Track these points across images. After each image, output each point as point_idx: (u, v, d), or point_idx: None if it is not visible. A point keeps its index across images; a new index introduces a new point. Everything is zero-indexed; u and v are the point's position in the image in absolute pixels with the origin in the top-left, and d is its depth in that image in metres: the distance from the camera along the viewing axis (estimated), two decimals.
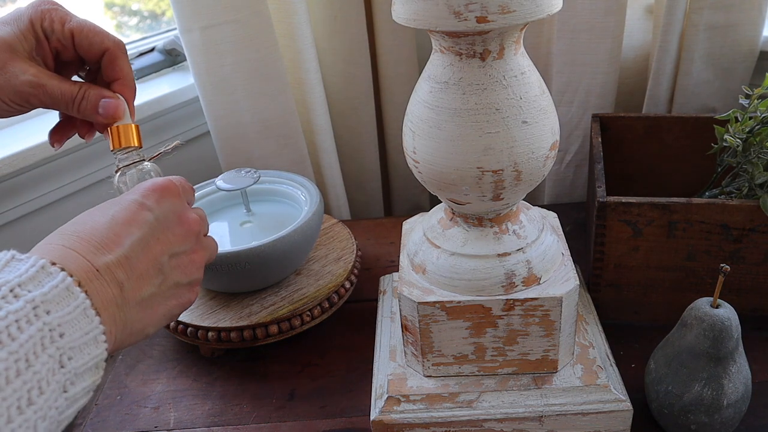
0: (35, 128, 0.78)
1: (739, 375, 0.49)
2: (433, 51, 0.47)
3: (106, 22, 0.98)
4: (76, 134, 0.53)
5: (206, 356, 0.67)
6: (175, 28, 0.93)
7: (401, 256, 0.57)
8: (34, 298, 0.31)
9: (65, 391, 0.32)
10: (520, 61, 0.46)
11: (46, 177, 0.77)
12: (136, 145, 0.50)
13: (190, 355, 0.67)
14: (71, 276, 0.33)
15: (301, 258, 0.68)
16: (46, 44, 0.47)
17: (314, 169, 0.90)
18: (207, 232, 0.48)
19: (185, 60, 0.88)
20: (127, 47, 0.94)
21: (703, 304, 0.49)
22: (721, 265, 0.47)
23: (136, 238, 0.39)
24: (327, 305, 0.66)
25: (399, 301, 0.53)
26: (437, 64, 0.46)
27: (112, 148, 0.49)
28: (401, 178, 1.00)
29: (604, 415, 0.51)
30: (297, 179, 0.73)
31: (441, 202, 0.54)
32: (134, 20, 1.01)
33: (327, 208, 0.93)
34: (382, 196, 1.01)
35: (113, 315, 0.36)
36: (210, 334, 0.63)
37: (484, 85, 0.44)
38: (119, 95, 0.49)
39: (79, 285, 0.34)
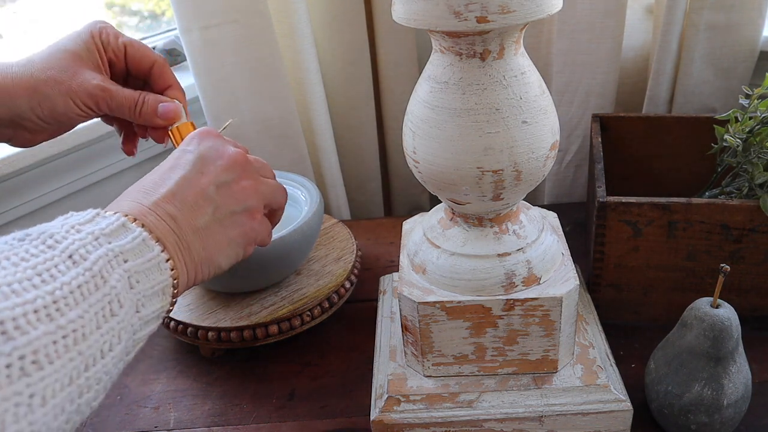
0: None
1: (739, 375, 0.49)
2: (433, 51, 0.47)
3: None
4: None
5: (206, 356, 0.67)
6: (175, 28, 0.93)
7: (401, 256, 0.57)
8: (94, 231, 0.35)
9: (137, 311, 0.35)
10: (520, 61, 0.46)
11: (46, 177, 0.77)
12: None
13: (190, 355, 0.67)
14: (126, 216, 0.37)
15: (301, 258, 0.68)
16: (104, 55, 0.52)
17: (314, 169, 0.90)
18: (272, 178, 0.50)
19: (185, 60, 0.88)
20: None
21: (703, 304, 0.49)
22: (721, 265, 0.47)
23: (180, 176, 0.42)
24: (327, 305, 0.66)
25: (399, 301, 0.53)
26: (437, 64, 0.46)
27: (176, 147, 0.54)
28: (401, 178, 1.00)
29: (604, 415, 0.51)
30: (297, 179, 0.73)
31: (441, 202, 0.54)
32: (134, 20, 1.01)
33: (327, 208, 0.93)
34: (382, 196, 1.01)
35: (175, 244, 0.39)
36: (210, 334, 0.63)
37: (484, 85, 0.44)
38: (175, 100, 0.54)
39: (135, 221, 0.37)
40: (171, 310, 0.39)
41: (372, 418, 0.53)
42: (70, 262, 0.32)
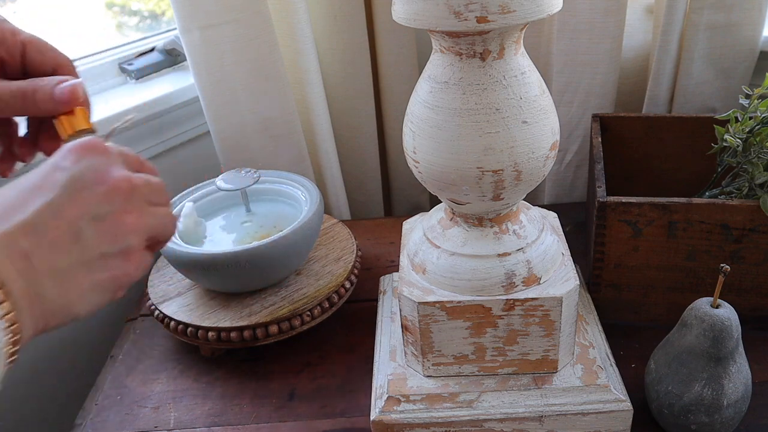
0: None
1: (739, 375, 0.49)
2: (433, 51, 0.47)
3: (106, 22, 0.98)
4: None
5: (206, 356, 0.67)
6: (175, 28, 0.93)
7: (401, 256, 0.57)
8: None
9: None
10: (520, 61, 0.46)
11: None
12: (87, 127, 0.43)
13: (191, 355, 0.67)
14: None
15: (301, 258, 0.68)
16: None
17: (314, 169, 0.90)
18: (165, 204, 0.41)
19: (185, 60, 0.88)
20: (127, 47, 0.94)
21: (703, 304, 0.49)
22: (721, 265, 0.47)
23: (44, 202, 0.34)
24: (327, 305, 0.66)
25: (399, 301, 0.53)
26: (437, 64, 0.46)
27: (63, 137, 0.43)
28: (401, 178, 1.00)
29: (604, 415, 0.51)
30: (297, 179, 0.73)
31: (441, 202, 0.54)
32: (134, 20, 1.01)
33: (327, 208, 0.93)
34: (382, 196, 1.01)
35: (23, 292, 0.32)
36: (210, 334, 0.63)
37: (484, 85, 0.44)
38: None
39: None
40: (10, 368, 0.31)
41: (372, 418, 0.53)
42: None
